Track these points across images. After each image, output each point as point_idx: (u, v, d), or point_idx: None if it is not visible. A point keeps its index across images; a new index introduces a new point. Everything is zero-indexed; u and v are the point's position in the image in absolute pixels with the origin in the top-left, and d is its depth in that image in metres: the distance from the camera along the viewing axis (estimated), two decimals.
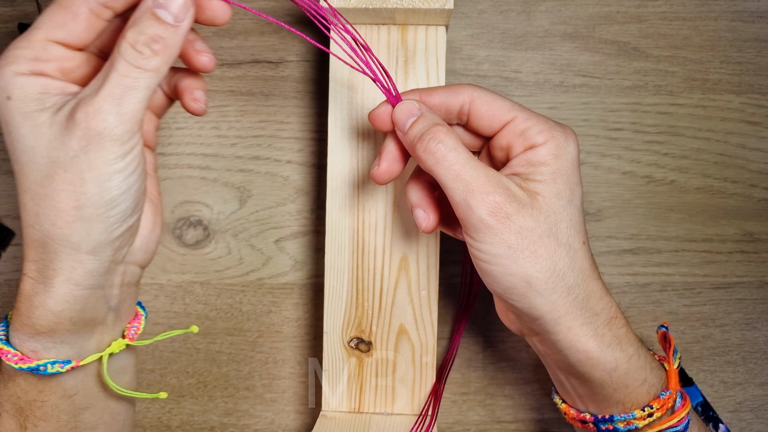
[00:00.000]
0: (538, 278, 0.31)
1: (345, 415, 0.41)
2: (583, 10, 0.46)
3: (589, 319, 0.32)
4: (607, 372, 0.32)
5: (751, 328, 0.46)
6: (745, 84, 0.46)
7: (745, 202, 0.46)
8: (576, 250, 0.32)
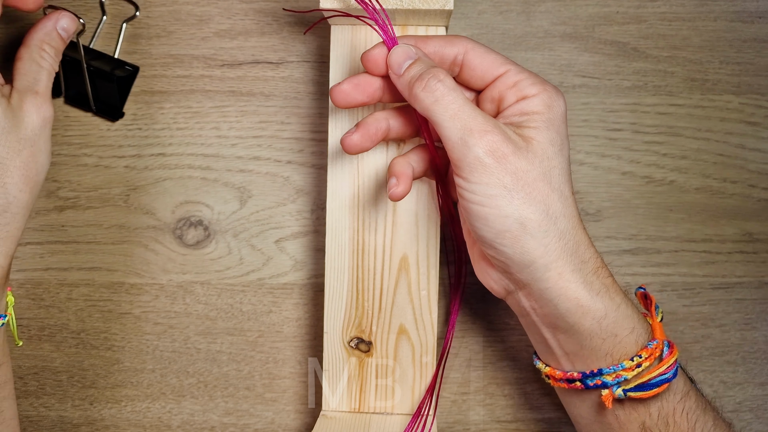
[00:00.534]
0: (532, 220, 0.31)
1: (345, 415, 0.41)
2: (582, 11, 0.46)
3: (579, 266, 0.32)
4: (597, 320, 0.32)
5: (751, 328, 0.46)
6: (744, 84, 0.46)
7: (745, 203, 0.46)
8: (567, 197, 0.32)
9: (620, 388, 0.32)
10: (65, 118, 0.47)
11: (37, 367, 0.47)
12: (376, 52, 0.34)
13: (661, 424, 0.32)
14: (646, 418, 0.32)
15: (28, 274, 0.47)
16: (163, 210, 0.47)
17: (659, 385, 0.31)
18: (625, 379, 0.32)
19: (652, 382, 0.31)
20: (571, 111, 0.46)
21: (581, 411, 0.35)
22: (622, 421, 0.33)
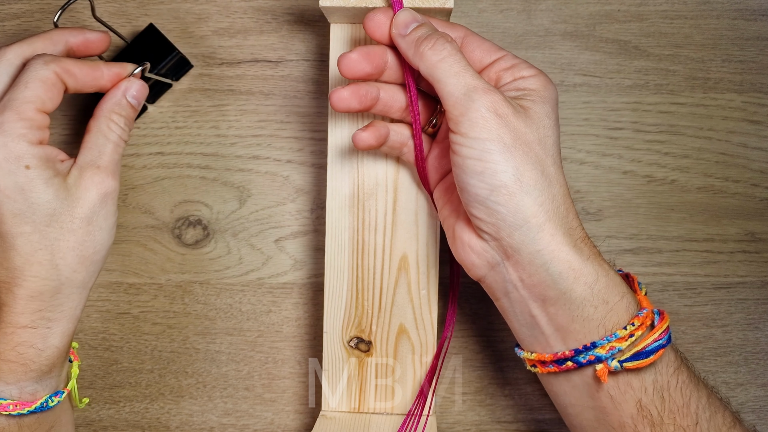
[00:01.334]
0: (529, 176, 0.32)
1: (345, 415, 0.41)
2: (583, 9, 0.46)
3: (570, 231, 0.32)
4: (589, 285, 0.32)
5: (753, 329, 0.46)
6: (747, 83, 0.45)
7: (747, 202, 0.45)
8: (558, 166, 0.33)
9: (615, 360, 0.31)
10: (63, 117, 0.47)
11: None
12: (380, 14, 0.35)
13: (656, 399, 0.32)
14: (642, 395, 0.32)
15: None
16: (162, 209, 0.47)
17: (655, 352, 0.31)
18: (619, 350, 0.31)
19: (648, 349, 0.31)
20: (572, 110, 0.46)
21: (571, 398, 0.34)
22: (618, 401, 0.32)
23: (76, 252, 0.35)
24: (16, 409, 0.34)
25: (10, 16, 0.47)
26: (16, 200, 0.33)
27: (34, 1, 0.47)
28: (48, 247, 0.34)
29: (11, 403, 0.34)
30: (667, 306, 0.46)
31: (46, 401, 0.35)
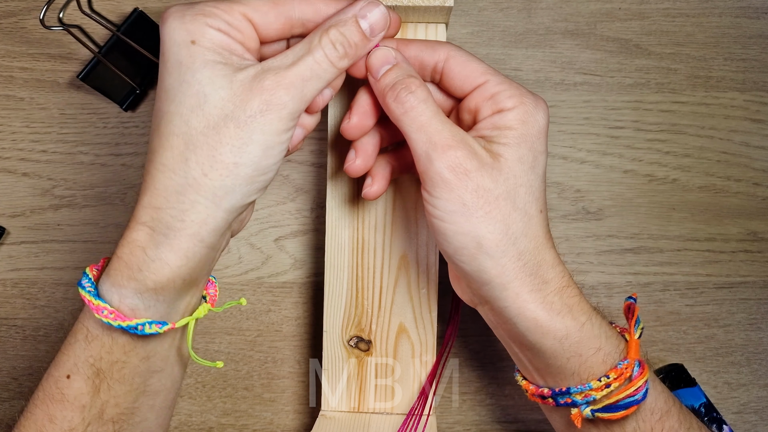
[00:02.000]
0: (489, 239, 0.31)
1: (344, 414, 0.41)
2: (584, 7, 0.46)
3: (538, 286, 0.32)
4: (558, 340, 0.31)
5: (756, 329, 0.46)
6: (749, 81, 0.45)
7: (749, 201, 0.45)
8: (531, 217, 0.32)
9: (588, 408, 0.31)
10: (61, 116, 0.47)
11: (32, 368, 0.47)
12: None
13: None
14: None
15: (23, 273, 0.47)
16: None
17: (628, 407, 0.31)
18: (594, 399, 0.31)
19: (621, 404, 0.31)
20: (573, 109, 0.46)
21: (560, 426, 0.35)
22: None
23: (213, 152, 0.29)
24: (109, 317, 0.29)
25: (7, 14, 0.47)
26: (171, 74, 0.30)
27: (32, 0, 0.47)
28: (185, 134, 0.29)
29: (108, 308, 0.29)
30: (668, 306, 0.46)
31: (143, 324, 0.30)
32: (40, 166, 0.47)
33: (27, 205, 0.47)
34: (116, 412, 0.32)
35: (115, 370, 0.31)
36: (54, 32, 0.46)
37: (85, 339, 0.31)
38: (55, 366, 0.32)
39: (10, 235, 0.47)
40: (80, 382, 0.31)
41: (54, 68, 0.47)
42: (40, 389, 0.32)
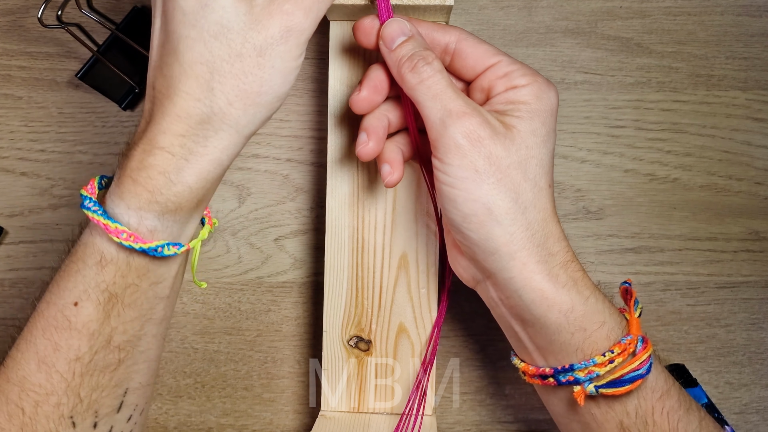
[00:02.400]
0: (499, 206, 0.31)
1: (344, 414, 0.41)
2: (585, 6, 0.46)
3: (545, 258, 0.32)
4: (563, 313, 0.31)
5: (757, 329, 0.46)
6: (751, 80, 0.45)
7: (751, 200, 0.45)
8: (541, 189, 0.32)
9: (592, 384, 0.31)
10: (59, 115, 0.47)
11: None
12: (368, 22, 0.34)
13: (639, 423, 0.32)
14: (624, 417, 0.32)
15: (22, 273, 0.46)
16: None
17: (632, 382, 0.31)
18: (598, 375, 0.31)
19: (625, 378, 0.31)
20: (573, 108, 0.46)
21: (559, 409, 0.35)
22: (599, 420, 0.32)
23: (238, 81, 0.29)
24: (128, 240, 0.29)
25: (5, 12, 0.47)
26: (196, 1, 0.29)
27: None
28: (209, 63, 0.29)
29: (126, 231, 0.29)
30: (669, 305, 0.45)
31: (162, 246, 0.30)
32: (39, 165, 0.46)
33: (25, 204, 0.46)
34: (123, 339, 0.31)
35: (128, 295, 0.31)
36: (52, 31, 0.46)
37: (98, 264, 0.30)
38: (57, 294, 0.31)
39: (9, 234, 0.47)
40: (90, 309, 0.30)
41: (52, 67, 0.47)
42: (39, 318, 0.31)
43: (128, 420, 0.33)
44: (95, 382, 0.31)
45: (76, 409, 0.31)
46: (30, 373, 0.30)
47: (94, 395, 0.31)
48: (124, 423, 0.33)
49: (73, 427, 0.31)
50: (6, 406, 0.30)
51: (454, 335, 0.46)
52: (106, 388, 0.32)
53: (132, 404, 0.33)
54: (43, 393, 0.30)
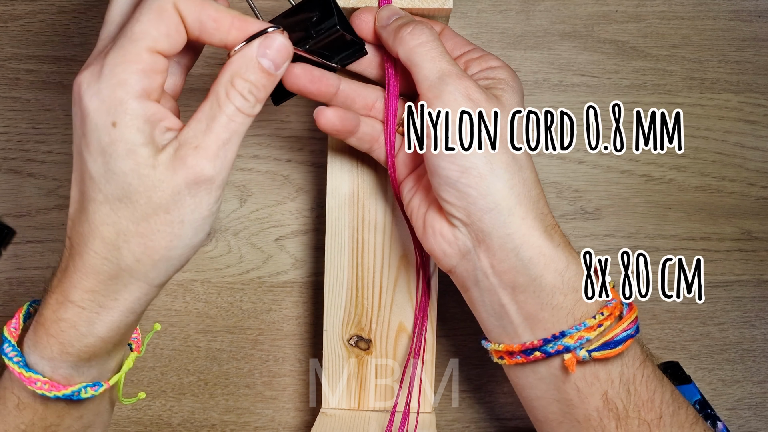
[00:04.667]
0: (500, 159, 0.31)
1: (345, 412, 0.41)
2: (581, 10, 0.46)
3: (540, 217, 0.32)
4: (559, 272, 0.31)
5: (750, 326, 0.46)
6: (743, 83, 0.46)
7: (743, 201, 0.46)
8: (530, 156, 0.33)
9: (584, 349, 0.31)
10: (66, 117, 0.47)
11: None
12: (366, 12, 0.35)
13: (622, 392, 0.31)
14: (609, 387, 0.32)
15: (28, 272, 0.47)
16: None
17: (624, 341, 0.31)
18: (588, 339, 0.31)
19: (617, 339, 0.31)
20: (571, 110, 0.45)
21: (537, 391, 0.34)
22: (584, 394, 0.32)
23: (144, 240, 0.29)
24: (43, 388, 0.30)
25: (13, 17, 0.47)
26: (96, 161, 0.28)
27: (37, 2, 0.47)
28: (114, 224, 0.28)
29: (42, 380, 0.30)
30: (665, 304, 0.46)
31: (79, 390, 0.30)
32: (46, 166, 0.47)
33: (33, 205, 0.47)
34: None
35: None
36: (59, 35, 0.47)
37: (16, 407, 0.31)
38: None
39: (16, 234, 0.47)
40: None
41: (59, 70, 0.47)
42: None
43: None
44: None
45: None
46: None
47: None
48: None
49: None
50: None
51: (453, 335, 0.46)
52: None
53: None
54: None
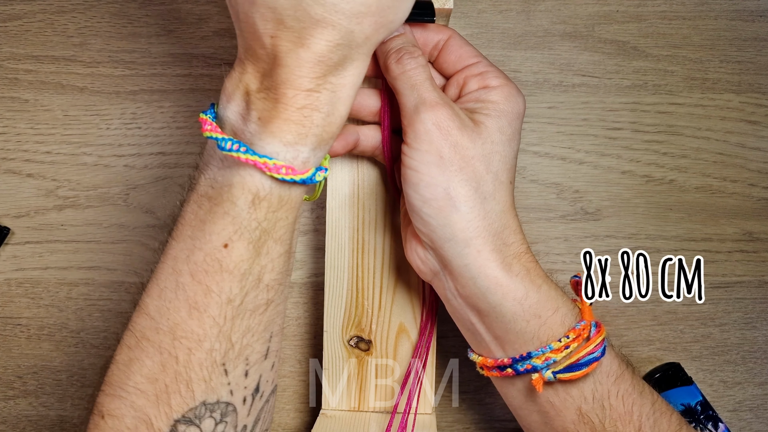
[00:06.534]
0: (459, 193, 0.32)
1: (345, 413, 0.41)
2: (582, 10, 0.46)
3: (500, 247, 0.33)
4: (518, 301, 0.32)
5: (751, 328, 0.46)
6: (744, 83, 0.46)
7: (745, 202, 0.46)
8: (502, 183, 0.33)
9: (549, 371, 0.32)
10: (64, 117, 0.47)
11: (36, 366, 0.47)
12: None
13: (597, 407, 0.32)
14: (582, 403, 0.33)
15: (27, 273, 0.47)
16: (163, 209, 0.47)
17: (589, 364, 0.32)
18: (554, 361, 0.32)
19: (582, 362, 0.32)
20: (571, 110, 0.46)
21: (518, 401, 0.35)
22: (558, 408, 0.33)
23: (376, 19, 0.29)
24: (288, 173, 0.29)
25: (12, 17, 0.47)
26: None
27: (36, 2, 0.47)
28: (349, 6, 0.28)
29: (285, 166, 0.29)
30: (666, 305, 0.46)
31: (314, 174, 0.31)
32: (45, 167, 0.47)
33: (31, 205, 0.47)
34: (272, 277, 0.31)
35: (277, 229, 0.31)
36: (58, 35, 0.47)
37: (250, 204, 0.30)
38: (204, 239, 0.30)
39: (15, 235, 0.47)
40: (241, 249, 0.30)
41: (58, 71, 0.47)
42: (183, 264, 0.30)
43: (272, 368, 0.33)
44: (246, 325, 0.30)
45: (227, 356, 0.30)
46: (182, 320, 0.29)
47: (245, 340, 0.30)
48: (269, 372, 0.32)
49: (226, 375, 0.30)
50: (159, 355, 0.29)
51: (453, 335, 0.46)
52: (256, 332, 0.31)
53: (275, 351, 0.32)
54: (196, 339, 0.29)
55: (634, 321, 0.46)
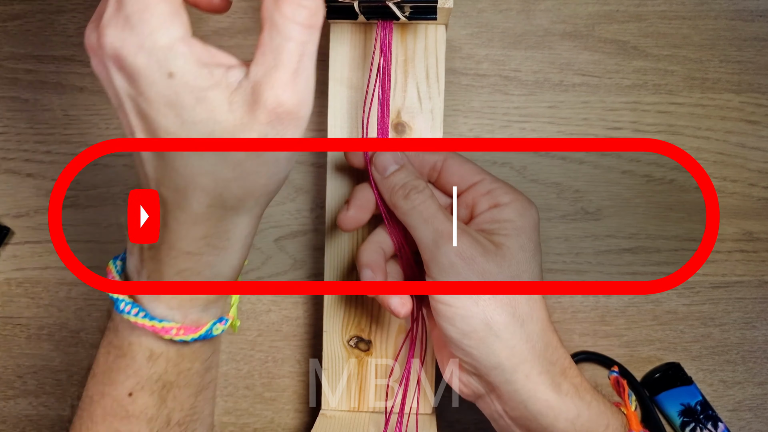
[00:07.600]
0: (498, 321, 0.32)
1: (345, 414, 0.41)
2: (582, 9, 0.46)
3: (547, 367, 0.32)
4: (570, 421, 0.32)
5: (751, 327, 0.46)
6: (744, 83, 0.46)
7: (745, 201, 0.46)
8: (536, 301, 0.33)
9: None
10: (64, 117, 0.47)
11: (36, 366, 0.47)
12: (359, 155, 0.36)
13: None
14: None
15: (27, 272, 0.47)
16: None
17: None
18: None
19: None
20: (571, 110, 0.46)
21: None
22: None
23: (243, 183, 0.28)
24: (179, 334, 0.30)
25: (12, 17, 0.47)
26: (166, 116, 0.25)
27: (36, 2, 0.47)
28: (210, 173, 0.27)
29: (175, 327, 0.30)
30: (665, 305, 0.46)
31: (210, 329, 0.31)
32: (44, 166, 0.47)
33: (31, 205, 0.47)
34: (181, 415, 0.32)
35: (181, 379, 0.32)
36: (58, 35, 0.47)
37: (148, 359, 0.31)
38: (111, 385, 0.31)
39: (15, 235, 0.47)
40: (145, 398, 0.31)
41: (58, 70, 0.47)
42: (96, 406, 0.31)
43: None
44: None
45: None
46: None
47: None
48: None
49: None
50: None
51: None
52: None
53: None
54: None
55: (634, 321, 0.46)
